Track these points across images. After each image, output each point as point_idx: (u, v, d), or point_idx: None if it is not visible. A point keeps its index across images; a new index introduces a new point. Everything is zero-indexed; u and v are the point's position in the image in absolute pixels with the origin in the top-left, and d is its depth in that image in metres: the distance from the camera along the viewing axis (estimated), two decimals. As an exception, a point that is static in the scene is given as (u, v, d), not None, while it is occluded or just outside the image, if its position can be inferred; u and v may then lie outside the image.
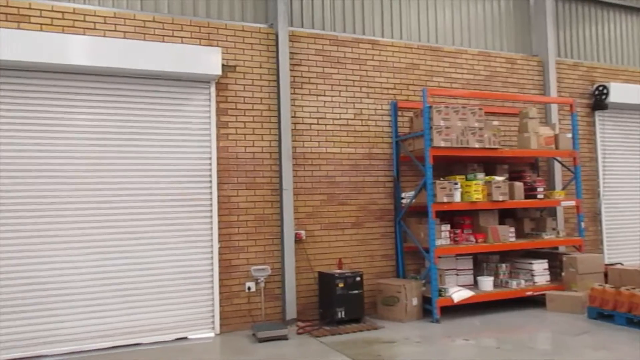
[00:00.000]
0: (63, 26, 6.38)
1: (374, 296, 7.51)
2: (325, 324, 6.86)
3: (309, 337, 6.45)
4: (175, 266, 6.64)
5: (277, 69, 7.32)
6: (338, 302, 6.79)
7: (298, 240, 7.25)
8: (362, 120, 7.90)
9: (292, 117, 7.39)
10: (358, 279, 6.95)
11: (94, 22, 6.54)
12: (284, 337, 6.35)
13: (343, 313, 6.80)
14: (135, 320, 6.39)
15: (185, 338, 6.56)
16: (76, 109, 6.37)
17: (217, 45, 7.03)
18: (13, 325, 5.90)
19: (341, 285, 6.81)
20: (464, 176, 7.68)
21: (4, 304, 5.88)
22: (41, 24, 6.28)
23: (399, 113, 8.12)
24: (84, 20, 6.50)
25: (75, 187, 6.28)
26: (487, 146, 7.52)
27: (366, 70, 7.99)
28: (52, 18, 6.35)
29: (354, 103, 7.88)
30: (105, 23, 6.58)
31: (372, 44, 8.07)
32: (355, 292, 6.89)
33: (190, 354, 5.95)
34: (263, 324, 6.69)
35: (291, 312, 7.05)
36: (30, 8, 6.26)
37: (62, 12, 6.40)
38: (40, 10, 6.31)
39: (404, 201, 7.83)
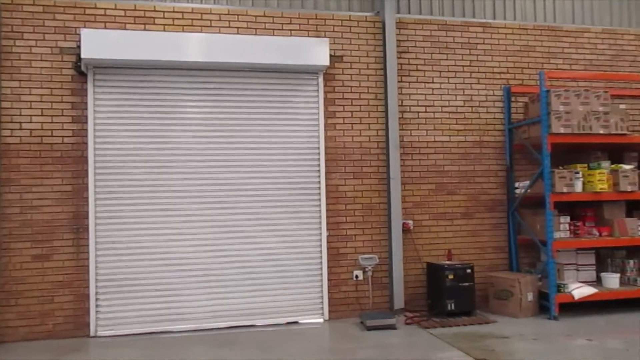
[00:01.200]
0: (183, 25, 6.80)
1: (485, 289, 7.25)
2: (434, 315, 6.75)
3: (418, 328, 6.39)
4: (290, 252, 6.88)
5: (384, 57, 7.26)
6: (448, 294, 6.64)
7: (406, 230, 7.18)
8: (472, 107, 7.62)
9: (399, 105, 7.30)
10: (469, 271, 6.74)
11: (210, 20, 6.90)
12: (392, 327, 6.35)
13: (453, 305, 6.65)
14: (252, 302, 6.71)
15: (296, 322, 6.79)
16: (193, 102, 6.78)
17: (325, 36, 7.11)
18: (144, 302, 6.45)
19: (451, 276, 6.66)
20: (585, 165, 7.14)
21: (136, 282, 6.45)
22: (164, 25, 6.74)
23: (512, 98, 7.72)
24: (201, 19, 6.88)
25: (198, 176, 6.70)
26: (613, 132, 6.93)
27: (476, 55, 7.67)
28: (173, 18, 6.79)
29: (463, 89, 7.61)
30: (220, 20, 6.92)
31: (483, 27, 7.73)
32: (466, 284, 6.70)
33: (303, 337, 6.14)
34: (371, 312, 6.73)
35: (399, 301, 7.01)
36: (154, 10, 6.75)
37: (182, 12, 6.82)
38: (163, 12, 6.77)
39: (517, 191, 7.46)
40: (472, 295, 6.76)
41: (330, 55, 6.95)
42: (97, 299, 6.33)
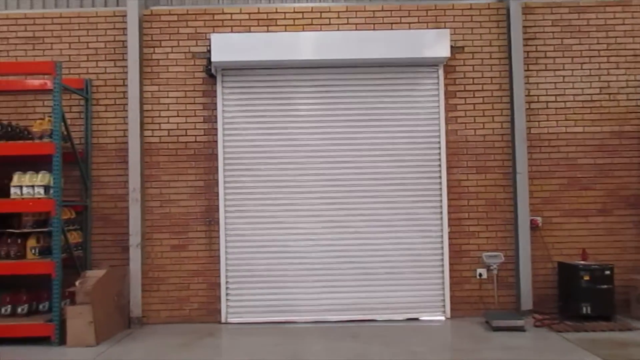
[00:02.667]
0: (303, 25, 6.97)
1: (626, 293, 6.62)
2: (566, 318, 6.30)
3: (549, 331, 6.01)
4: (405, 248, 6.80)
5: (509, 46, 6.89)
6: (583, 297, 6.16)
7: (534, 227, 6.77)
8: (609, 94, 6.98)
9: (526, 95, 6.89)
10: (608, 272, 6.21)
11: (329, 18, 7.00)
12: (520, 328, 6.03)
13: (589, 309, 6.15)
14: (371, 297, 6.74)
15: (416, 319, 6.70)
16: (312, 100, 6.95)
17: (445, 27, 6.91)
18: (268, 293, 6.75)
19: (587, 278, 6.17)
20: None
21: (260, 273, 6.76)
22: (285, 25, 6.96)
23: (658, 83, 6.97)
24: (320, 17, 7.01)
25: (315, 172, 6.86)
26: None
27: (615, 37, 7.01)
28: (294, 19, 6.99)
29: (599, 76, 7.00)
30: (338, 17, 7.00)
31: (623, 5, 7.04)
32: (604, 286, 6.17)
33: (425, 334, 6.05)
34: (496, 312, 6.44)
35: (526, 302, 6.64)
36: (276, 12, 7.00)
37: (302, 12, 7.00)
38: (284, 13, 7.00)
39: (665, 186, 6.72)
40: (611, 299, 6.22)
41: (451, 47, 6.74)
42: (227, 288, 6.73)
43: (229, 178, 6.83)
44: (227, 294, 6.73)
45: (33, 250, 6.03)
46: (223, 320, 6.69)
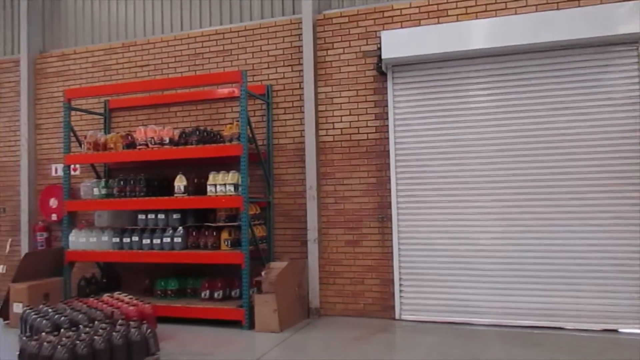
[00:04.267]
0: (476, 12, 6.63)
1: None
2: None
3: None
4: (601, 250, 6.06)
5: None
6: None
7: None
8: None
9: None
10: None
11: (505, 2, 6.56)
12: None
13: None
14: (557, 303, 6.15)
15: (615, 331, 5.94)
16: (485, 91, 6.56)
17: (646, -2, 6.01)
18: (442, 292, 6.57)
19: None
20: None
21: (435, 271, 6.61)
22: (457, 15, 6.69)
23: None
24: (495, 2, 6.59)
25: (494, 167, 6.48)
26: None
27: None
28: (466, 7, 6.69)
29: None
30: (516, 0, 6.52)
31: None
32: None
33: (627, 350, 5.33)
34: None
35: None
36: (447, 2, 6.76)
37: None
38: (456, 2, 6.73)
39: None
40: None
41: (655, 19, 5.84)
42: (400, 285, 6.71)
43: (401, 175, 6.81)
44: (400, 291, 6.71)
45: (226, 242, 6.70)
46: (397, 316, 6.69)
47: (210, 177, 6.74)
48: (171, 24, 8.18)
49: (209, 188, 6.71)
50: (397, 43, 6.59)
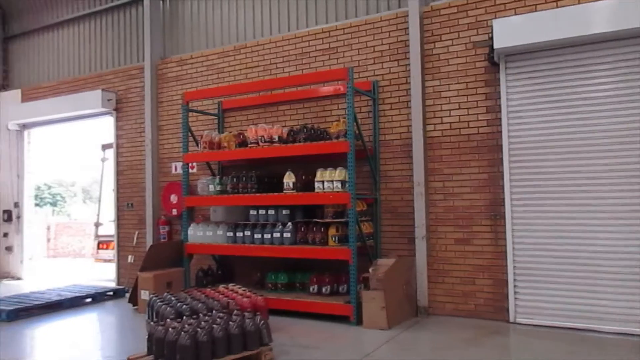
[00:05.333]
0: (601, -7, 6.09)
1: None
2: None
3: None
4: None
5: None
6: None
7: None
8: None
9: None
10: None
11: (635, -20, 5.95)
12: None
13: None
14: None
15: None
16: (608, 79, 6.00)
17: None
18: (563, 295, 6.12)
19: None
20: None
21: (554, 273, 6.19)
22: (579, -3, 6.20)
23: None
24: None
25: (621, 161, 5.93)
26: None
27: None
28: (589, -12, 6.17)
29: None
30: (648, -23, 5.89)
31: None
32: None
33: None
34: None
35: None
36: (567, -16, 6.29)
37: (598, -21, 6.12)
38: (577, -17, 6.24)
39: None
40: None
41: None
42: (515, 286, 6.37)
43: (515, 170, 6.44)
44: (515, 292, 6.36)
45: (333, 238, 6.77)
46: (511, 319, 6.36)
47: (318, 174, 6.85)
48: (279, 25, 8.42)
49: (316, 185, 6.83)
50: (510, 31, 6.23)
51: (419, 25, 6.96)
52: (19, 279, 11.38)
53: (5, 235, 11.59)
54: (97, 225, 11.88)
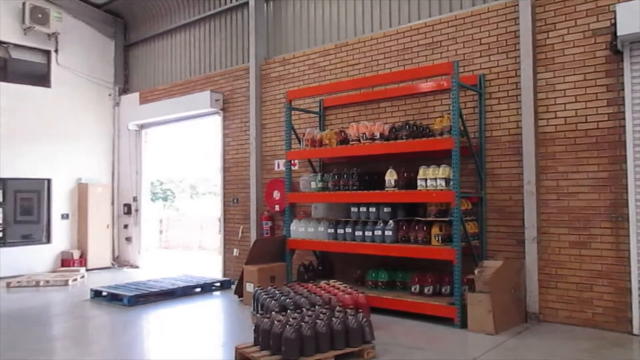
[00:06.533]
0: None
1: None
2: None
3: None
4: None
5: None
6: None
7: None
8: None
9: None
10: None
11: None
12: None
13: None
14: None
15: None
16: None
17: None
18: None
19: None
20: None
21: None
22: None
23: None
24: None
25: None
26: None
27: None
28: None
29: None
30: None
31: None
32: None
33: None
34: None
35: None
36: None
37: None
38: None
39: None
40: None
41: None
42: (639, 295, 5.82)
43: (640, 168, 5.89)
44: (640, 302, 5.83)
45: (436, 238, 6.59)
46: (635, 331, 5.80)
47: (421, 171, 6.70)
48: (380, 21, 8.35)
49: (419, 182, 6.68)
50: (636, 16, 5.68)
51: (530, 14, 6.56)
52: (136, 267, 12.34)
53: (125, 227, 12.62)
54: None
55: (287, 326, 4.87)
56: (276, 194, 9.26)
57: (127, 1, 12.27)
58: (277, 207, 9.23)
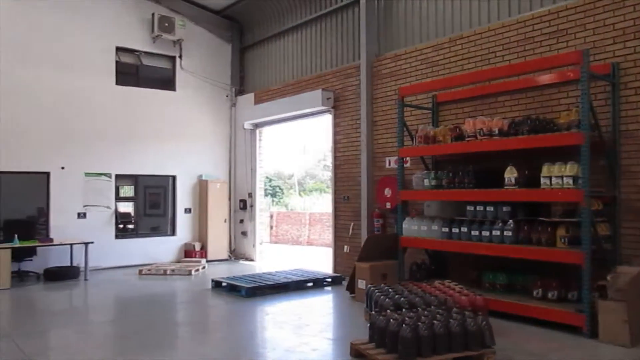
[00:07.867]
0: None
1: None
2: None
3: None
4: None
5: None
6: None
7: None
8: None
9: None
10: None
11: None
12: None
13: None
14: None
15: None
16: None
17: None
18: None
19: None
20: None
21: None
22: None
23: None
24: None
25: None
26: None
27: None
28: None
29: None
30: None
31: None
32: None
33: None
34: None
35: None
36: None
37: None
38: None
39: None
40: None
41: None
42: None
43: None
44: None
45: (562, 239, 6.16)
46: None
47: (545, 168, 6.29)
48: (498, 11, 7.96)
49: (542, 180, 6.28)
50: None
51: (676, -6, 5.91)
52: (251, 260, 12.92)
53: (241, 221, 13.27)
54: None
55: (404, 325, 4.81)
56: (387, 192, 9.20)
57: (243, 6, 12.86)
58: (388, 205, 9.17)
